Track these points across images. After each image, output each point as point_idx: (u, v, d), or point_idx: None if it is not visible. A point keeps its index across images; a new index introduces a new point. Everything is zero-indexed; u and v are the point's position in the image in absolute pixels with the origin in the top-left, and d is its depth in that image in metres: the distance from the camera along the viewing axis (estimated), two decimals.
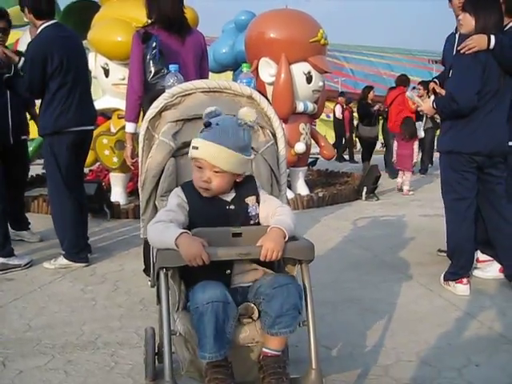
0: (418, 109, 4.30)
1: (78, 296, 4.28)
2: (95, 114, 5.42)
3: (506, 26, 4.28)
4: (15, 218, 5.98)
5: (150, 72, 4.17)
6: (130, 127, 4.36)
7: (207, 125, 2.22)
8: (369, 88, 13.84)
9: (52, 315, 3.85)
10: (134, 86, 4.28)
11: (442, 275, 4.35)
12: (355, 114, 16.01)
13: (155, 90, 2.86)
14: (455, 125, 4.07)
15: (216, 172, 2.24)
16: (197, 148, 2.23)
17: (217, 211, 2.31)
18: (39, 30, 4.91)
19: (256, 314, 2.23)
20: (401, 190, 10.24)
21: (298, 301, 2.18)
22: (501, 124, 4.06)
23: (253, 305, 2.23)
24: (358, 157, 16.12)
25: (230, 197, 2.35)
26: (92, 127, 5.31)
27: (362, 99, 13.57)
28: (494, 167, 4.15)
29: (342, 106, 18.74)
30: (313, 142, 9.40)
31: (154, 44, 4.15)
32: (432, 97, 4.21)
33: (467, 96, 3.94)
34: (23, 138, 5.91)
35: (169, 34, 4.34)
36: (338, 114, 18.81)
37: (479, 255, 4.70)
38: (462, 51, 3.92)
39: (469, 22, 3.96)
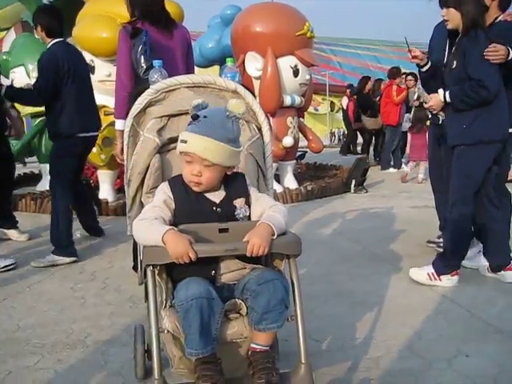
0: (426, 105, 4.15)
1: (68, 294, 4.26)
2: (100, 121, 5.71)
3: (496, 18, 4.35)
4: (2, 217, 6.02)
5: (142, 67, 4.14)
6: (119, 124, 4.29)
7: (195, 117, 2.20)
8: (366, 78, 13.85)
9: (41, 314, 3.83)
10: (123, 81, 4.26)
11: (429, 272, 4.20)
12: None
13: (139, 87, 2.84)
14: (480, 114, 3.99)
15: (206, 165, 2.22)
16: (185, 142, 2.20)
17: (202, 211, 2.29)
18: (49, 45, 5.28)
19: (244, 310, 2.22)
20: (405, 181, 10.46)
21: (285, 296, 2.18)
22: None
23: (240, 301, 2.23)
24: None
25: (218, 197, 2.33)
26: (97, 133, 5.59)
27: (360, 90, 13.52)
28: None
29: (348, 98, 18.54)
30: (301, 135, 9.40)
31: (144, 39, 4.13)
32: (441, 90, 4.05)
33: (496, 82, 3.94)
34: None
35: (156, 30, 4.31)
36: (346, 106, 18.62)
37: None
38: (486, 57, 3.90)
39: (454, 16, 3.96)
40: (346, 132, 18.82)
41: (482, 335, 3.26)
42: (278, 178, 9.14)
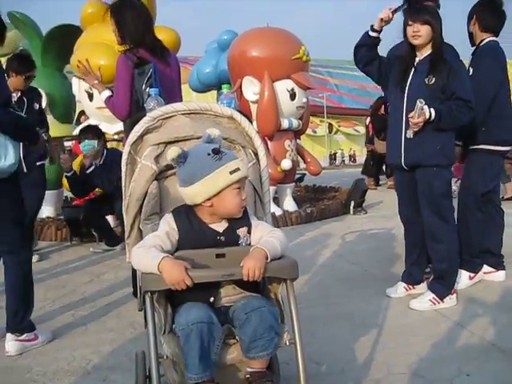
0: (414, 120, 3.96)
1: (69, 321, 4.26)
2: None
3: (482, 41, 4.54)
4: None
5: (145, 98, 4.08)
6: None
7: (217, 151, 2.24)
8: (381, 98, 13.39)
9: (43, 342, 3.82)
10: (122, 113, 4.30)
11: (430, 298, 4.17)
12: None
13: (137, 114, 2.88)
14: (450, 135, 4.12)
15: (243, 187, 2.33)
16: (239, 169, 2.25)
17: (207, 242, 2.31)
18: None
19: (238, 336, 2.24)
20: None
21: (274, 323, 2.19)
22: None
23: (233, 327, 2.25)
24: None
25: (221, 227, 2.36)
26: None
27: (375, 111, 13.05)
28: None
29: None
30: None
31: (151, 71, 4.19)
32: (426, 106, 4.00)
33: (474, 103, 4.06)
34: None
35: (157, 59, 4.36)
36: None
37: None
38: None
39: (427, 33, 3.99)
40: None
41: (483, 354, 3.26)
42: (277, 201, 9.16)
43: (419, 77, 4.07)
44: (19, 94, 6.27)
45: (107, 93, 4.46)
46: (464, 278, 4.60)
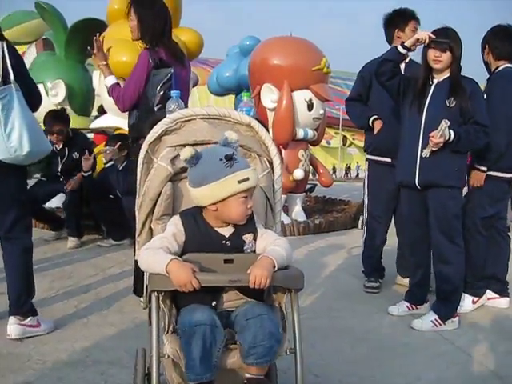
0: (435, 140, 3.95)
1: (72, 313, 4.30)
2: None
3: (498, 67, 4.60)
4: None
5: (157, 99, 4.28)
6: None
7: (230, 158, 2.26)
8: None
9: (44, 333, 3.85)
10: (125, 103, 4.40)
11: (432, 319, 4.17)
12: None
13: (156, 116, 2.90)
14: (464, 158, 4.23)
15: (251, 195, 2.35)
16: (248, 179, 2.27)
17: (212, 245, 2.33)
18: None
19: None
20: None
21: (274, 330, 2.19)
22: None
23: (234, 332, 2.27)
24: None
25: (228, 232, 2.38)
26: None
27: None
28: None
29: None
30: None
31: (169, 75, 4.29)
32: (447, 129, 4.04)
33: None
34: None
35: (175, 61, 4.42)
36: None
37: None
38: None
39: (448, 59, 4.05)
40: None
41: (481, 380, 3.27)
42: (286, 210, 9.16)
43: (439, 98, 4.10)
44: (61, 145, 7.12)
45: (112, 79, 4.52)
46: (467, 301, 4.60)
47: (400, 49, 4.23)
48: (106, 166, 6.97)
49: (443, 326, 4.15)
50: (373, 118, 5.04)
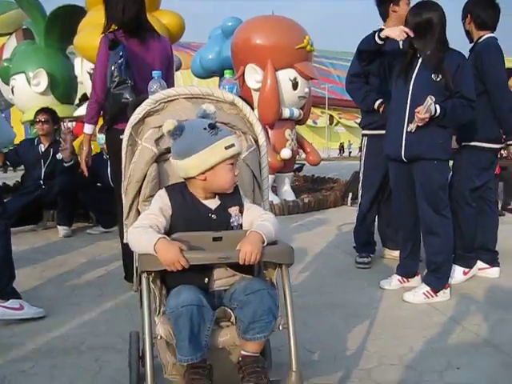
0: (421, 116, 3.96)
1: (64, 301, 4.29)
2: None
3: (480, 38, 4.56)
4: None
5: (114, 82, 4.18)
6: (87, 128, 4.53)
7: (213, 126, 2.27)
8: None
9: (37, 320, 3.84)
10: (97, 92, 4.36)
11: (424, 291, 4.20)
12: None
13: (139, 97, 2.86)
14: (449, 131, 4.19)
15: (235, 163, 2.37)
16: (234, 145, 2.28)
17: (199, 218, 2.33)
18: None
19: (234, 318, 2.26)
20: None
21: (273, 306, 2.20)
22: None
23: (229, 310, 2.26)
24: None
25: (214, 204, 2.37)
26: None
27: None
28: None
29: None
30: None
31: (121, 53, 4.16)
32: (432, 104, 4.03)
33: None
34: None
35: (135, 41, 4.35)
36: None
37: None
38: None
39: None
40: None
41: (474, 349, 3.28)
42: (275, 190, 9.17)
43: (425, 72, 4.08)
44: (46, 145, 7.23)
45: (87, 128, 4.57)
46: (458, 273, 4.62)
47: (377, 40, 4.20)
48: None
49: (435, 297, 4.17)
50: (378, 102, 4.95)
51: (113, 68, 4.17)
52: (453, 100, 4.02)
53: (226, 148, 2.25)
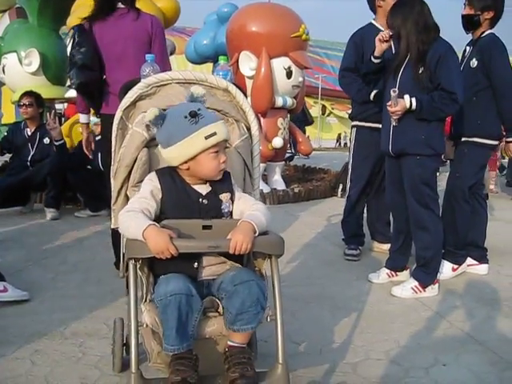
0: (391, 109, 4.03)
1: (48, 285, 4.24)
2: None
3: (483, 32, 4.50)
4: None
5: (67, 66, 4.24)
6: (82, 118, 4.58)
7: (194, 114, 2.21)
8: None
9: (21, 304, 3.79)
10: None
11: (413, 286, 4.18)
12: None
13: (131, 80, 2.80)
14: (437, 126, 4.09)
15: (224, 148, 2.32)
16: (215, 133, 2.22)
17: (189, 202, 2.29)
18: None
19: (221, 309, 2.22)
20: None
21: (261, 297, 2.17)
22: None
23: (217, 300, 2.23)
24: None
25: (205, 190, 2.34)
26: None
27: None
28: None
29: None
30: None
31: (74, 35, 4.17)
32: (407, 96, 4.06)
33: (463, 95, 4.02)
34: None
35: (105, 24, 4.22)
36: None
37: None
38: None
39: None
40: None
41: (460, 346, 3.27)
42: (265, 179, 9.15)
43: (411, 67, 4.06)
44: (33, 129, 7.21)
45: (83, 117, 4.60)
46: (447, 268, 4.61)
47: (373, 60, 4.30)
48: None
49: (423, 292, 4.16)
50: (375, 91, 4.91)
51: (68, 49, 4.24)
52: (432, 93, 3.97)
53: (206, 138, 2.20)
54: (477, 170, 4.57)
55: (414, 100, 3.95)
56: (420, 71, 3.99)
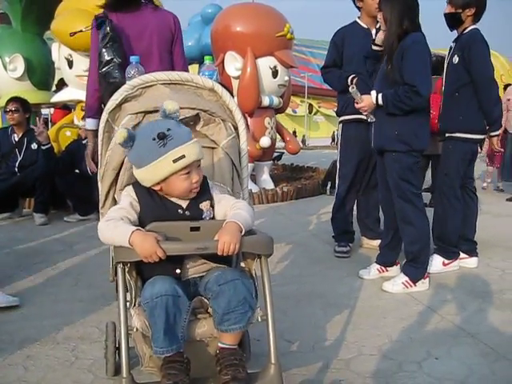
0: (357, 106, 4.15)
1: (39, 290, 4.22)
2: None
3: (465, 29, 4.52)
4: None
5: (101, 62, 3.84)
6: (90, 123, 4.10)
7: (163, 136, 2.16)
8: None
9: (11, 310, 3.77)
10: (92, 78, 4.02)
11: (403, 281, 4.18)
12: None
13: (116, 82, 2.78)
14: (410, 121, 4.07)
15: (197, 167, 2.26)
16: (184, 156, 2.17)
17: (170, 216, 2.26)
18: None
19: (211, 309, 2.22)
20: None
21: (248, 296, 2.16)
22: None
23: (205, 299, 2.23)
24: None
25: (184, 202, 2.31)
26: None
27: None
28: None
29: None
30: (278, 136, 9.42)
31: (108, 29, 3.82)
32: (373, 92, 4.10)
33: (429, 88, 4.04)
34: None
35: (124, 16, 3.96)
36: None
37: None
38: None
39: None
40: None
41: (452, 338, 3.28)
42: (254, 179, 9.15)
43: (384, 62, 4.12)
44: (20, 135, 7.16)
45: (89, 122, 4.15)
46: (437, 262, 4.63)
47: (373, 47, 4.40)
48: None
49: (414, 287, 4.17)
50: (351, 76, 4.94)
51: (100, 48, 3.83)
52: (397, 87, 3.98)
53: (174, 161, 2.16)
54: (463, 165, 4.58)
55: (380, 96, 4.01)
56: (389, 66, 4.03)
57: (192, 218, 2.28)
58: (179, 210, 2.29)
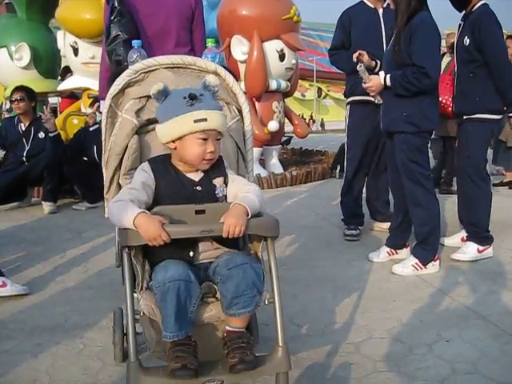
0: (364, 86, 4.13)
1: (48, 278, 4.23)
2: None
3: (474, 6, 4.36)
4: None
5: (108, 38, 3.69)
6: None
7: (194, 97, 2.20)
8: None
9: (20, 299, 3.78)
10: (104, 60, 3.93)
11: (413, 263, 4.16)
12: None
13: (119, 67, 2.75)
14: (419, 102, 4.02)
15: (217, 140, 2.28)
16: (205, 120, 2.19)
17: (184, 190, 2.27)
18: None
19: (218, 294, 2.20)
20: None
21: (257, 280, 2.14)
22: None
23: (214, 285, 2.21)
24: None
25: (197, 177, 2.31)
26: None
27: None
28: None
29: None
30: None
31: (115, 3, 3.67)
32: (382, 73, 4.06)
33: (438, 70, 4.02)
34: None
35: None
36: None
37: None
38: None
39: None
40: None
41: (463, 321, 3.26)
42: (263, 163, 9.12)
43: (393, 42, 4.09)
44: (27, 124, 7.09)
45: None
46: (471, 249, 4.49)
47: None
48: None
49: (424, 269, 4.14)
50: (357, 53, 4.84)
51: (108, 24, 3.70)
52: (406, 68, 3.94)
53: (196, 121, 2.18)
54: (486, 146, 4.55)
55: (388, 76, 3.97)
56: (397, 46, 3.99)
57: (204, 192, 2.29)
58: (193, 186, 2.30)
